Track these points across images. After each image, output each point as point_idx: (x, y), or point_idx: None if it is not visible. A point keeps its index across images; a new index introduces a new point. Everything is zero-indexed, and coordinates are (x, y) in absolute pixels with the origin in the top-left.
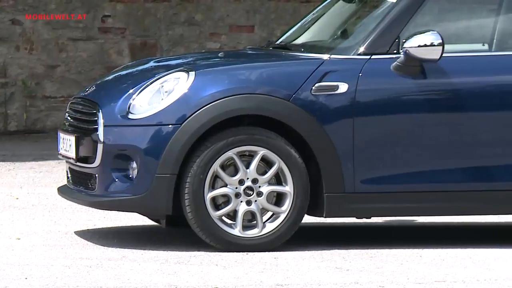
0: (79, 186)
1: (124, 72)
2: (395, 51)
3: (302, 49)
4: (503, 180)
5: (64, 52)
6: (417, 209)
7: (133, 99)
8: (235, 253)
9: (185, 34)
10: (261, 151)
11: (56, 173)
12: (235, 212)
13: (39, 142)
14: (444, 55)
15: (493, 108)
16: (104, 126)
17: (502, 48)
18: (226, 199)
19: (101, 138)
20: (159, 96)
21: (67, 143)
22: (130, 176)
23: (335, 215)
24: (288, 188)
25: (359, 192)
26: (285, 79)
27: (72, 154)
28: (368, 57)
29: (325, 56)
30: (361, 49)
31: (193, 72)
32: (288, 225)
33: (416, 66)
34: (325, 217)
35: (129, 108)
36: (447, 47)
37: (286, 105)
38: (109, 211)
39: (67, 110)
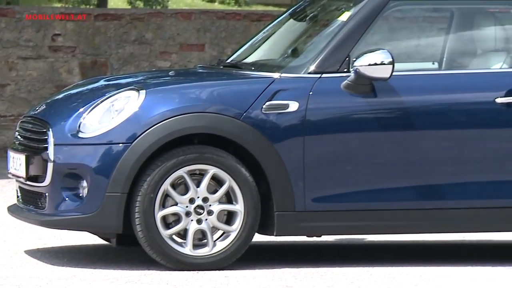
0: (29, 205)
1: (74, 91)
2: (345, 70)
3: (253, 68)
4: (452, 198)
5: (14, 70)
6: (368, 228)
7: (84, 118)
8: (185, 271)
9: (136, 52)
10: (212, 170)
11: (6, 192)
12: (185, 230)
13: None
14: (394, 73)
15: (443, 126)
16: (55, 145)
17: (451, 67)
18: (177, 218)
19: (51, 157)
20: (109, 115)
21: (17, 162)
22: (81, 195)
23: (286, 233)
24: (238, 207)
25: (309, 210)
26: (235, 98)
27: (22, 173)
28: (319, 75)
29: (276, 75)
30: (312, 68)
31: (144, 91)
32: (239, 244)
33: (366, 85)
34: (275, 236)
35: (79, 127)
36: (397, 65)
37: (237, 123)
38: (59, 230)
39: (17, 129)
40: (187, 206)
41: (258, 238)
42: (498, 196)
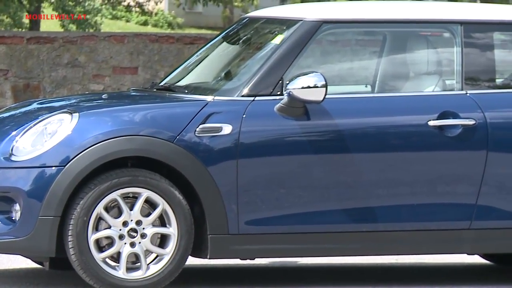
0: None
1: (6, 114)
2: (278, 93)
3: (186, 91)
4: (386, 221)
5: None
6: (301, 250)
7: (16, 141)
8: None
9: (69, 75)
10: (145, 193)
11: None
12: (119, 254)
13: None
14: (327, 96)
15: (376, 149)
16: None
17: (384, 90)
18: (110, 241)
19: None
20: (42, 138)
21: None
22: (13, 218)
23: (219, 256)
24: (172, 230)
25: (243, 233)
26: (169, 121)
27: None
28: (252, 98)
29: (209, 98)
30: (245, 91)
31: (77, 114)
32: (172, 267)
33: (300, 108)
34: (209, 258)
35: (12, 150)
36: (330, 88)
37: (170, 146)
38: None
39: None
40: (120, 229)
41: (191, 261)
42: (430, 219)
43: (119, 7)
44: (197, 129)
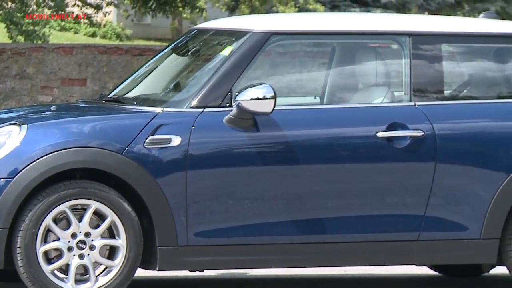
0: None
1: None
2: (227, 104)
3: (135, 102)
4: (335, 232)
5: None
6: (250, 262)
7: None
8: None
9: (17, 87)
10: (94, 205)
11: None
12: (67, 266)
13: None
14: (276, 108)
15: (325, 161)
16: None
17: (333, 101)
18: (59, 253)
19: None
20: None
21: None
22: None
23: (168, 268)
24: (121, 242)
25: (192, 245)
26: (118, 132)
27: None
28: (201, 110)
29: (158, 109)
30: (194, 102)
31: (25, 126)
32: (121, 279)
33: (249, 119)
34: (158, 270)
35: None
36: (279, 100)
37: (119, 158)
38: None
39: None
40: (69, 241)
41: (140, 273)
42: (379, 230)
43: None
44: (146, 141)
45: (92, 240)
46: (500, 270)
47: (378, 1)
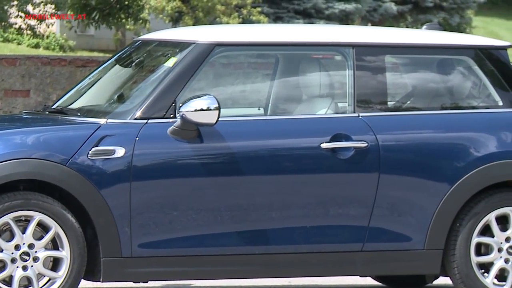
0: None
1: None
2: (171, 116)
3: (79, 114)
4: (279, 243)
5: None
6: (194, 273)
7: None
8: None
9: None
10: (37, 216)
11: None
12: (11, 277)
13: None
14: (220, 119)
15: (269, 172)
16: None
17: (277, 113)
18: (2, 265)
19: None
20: None
21: None
22: None
23: (112, 279)
24: (64, 253)
25: (136, 256)
26: (61, 144)
27: None
28: (145, 121)
29: (102, 121)
30: (138, 114)
31: None
32: None
33: (193, 130)
34: (102, 281)
35: None
36: (223, 111)
37: (63, 169)
38: None
39: None
40: (12, 253)
41: (84, 284)
42: (323, 241)
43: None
44: (90, 152)
45: (36, 251)
46: (443, 280)
47: (322, 12)
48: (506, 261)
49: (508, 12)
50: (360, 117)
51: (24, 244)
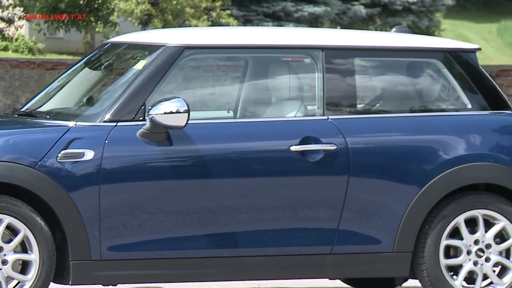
0: None
1: None
2: (141, 118)
3: (48, 116)
4: (248, 246)
5: None
6: (164, 276)
7: None
8: None
9: None
10: (6, 219)
11: None
12: None
13: None
14: (190, 122)
15: (238, 174)
16: None
17: (246, 115)
18: None
19: None
20: None
21: None
22: None
23: (81, 282)
24: (34, 256)
25: (105, 259)
26: (30, 146)
27: None
28: (114, 124)
29: (71, 123)
30: (107, 116)
31: None
32: None
33: (162, 133)
34: (71, 285)
35: None
36: (193, 114)
37: (31, 172)
38: None
39: None
40: None
41: (53, 287)
42: (292, 244)
43: None
44: (59, 155)
45: (5, 254)
46: (412, 283)
47: (291, 15)
48: (475, 263)
49: (477, 15)
50: (329, 119)
51: None
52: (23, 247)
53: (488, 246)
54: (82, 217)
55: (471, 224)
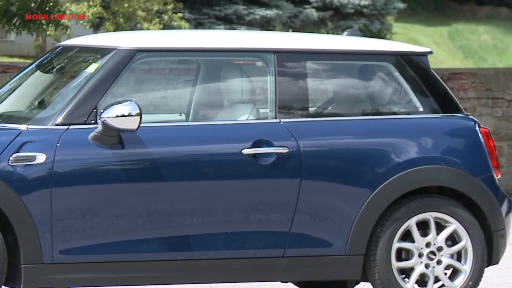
0: None
1: None
2: (93, 121)
3: (0, 120)
4: (200, 249)
5: None
6: (116, 279)
7: None
8: None
9: None
10: None
11: None
12: None
13: None
14: (142, 125)
15: (191, 178)
16: None
17: (198, 119)
18: None
19: None
20: None
21: None
22: None
23: (33, 286)
24: None
25: (57, 262)
26: None
27: None
28: (66, 127)
29: (23, 127)
30: (59, 120)
31: None
32: None
33: (114, 136)
34: None
35: None
36: (145, 117)
37: None
38: None
39: None
40: None
41: None
42: (244, 247)
43: None
44: (11, 158)
45: None
46: (364, 286)
47: (243, 18)
48: (427, 266)
49: (428, 19)
50: (281, 123)
51: None
52: None
53: (439, 248)
54: (33, 221)
55: (423, 227)
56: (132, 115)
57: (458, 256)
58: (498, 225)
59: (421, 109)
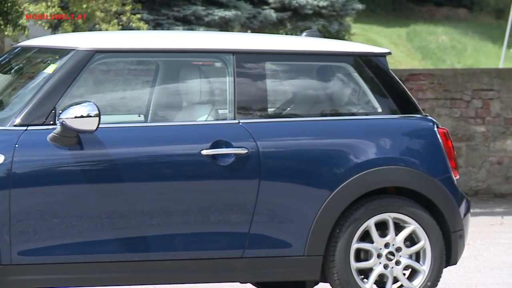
0: None
1: None
2: (51, 122)
3: None
4: (159, 250)
5: None
6: (75, 280)
7: None
8: None
9: None
10: None
11: None
12: None
13: None
14: (100, 126)
15: (149, 178)
16: None
17: (157, 119)
18: None
19: None
20: None
21: None
22: None
23: None
24: None
25: (15, 263)
26: None
27: None
28: (25, 128)
29: None
30: (17, 120)
31: None
32: None
33: (73, 137)
34: None
35: None
36: (103, 118)
37: None
38: None
39: None
40: None
41: None
42: (203, 248)
43: None
44: None
45: None
46: (323, 286)
47: (201, 19)
48: (385, 266)
49: (386, 20)
50: (240, 123)
51: None
52: None
53: (398, 249)
54: None
55: (382, 228)
56: (90, 116)
57: (417, 256)
58: (457, 226)
59: (379, 109)
